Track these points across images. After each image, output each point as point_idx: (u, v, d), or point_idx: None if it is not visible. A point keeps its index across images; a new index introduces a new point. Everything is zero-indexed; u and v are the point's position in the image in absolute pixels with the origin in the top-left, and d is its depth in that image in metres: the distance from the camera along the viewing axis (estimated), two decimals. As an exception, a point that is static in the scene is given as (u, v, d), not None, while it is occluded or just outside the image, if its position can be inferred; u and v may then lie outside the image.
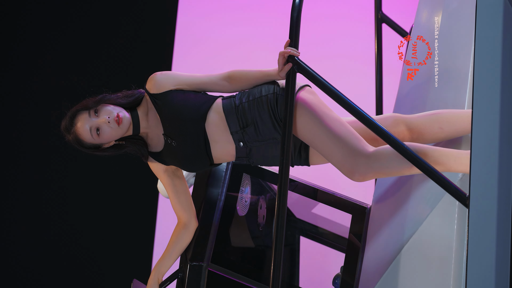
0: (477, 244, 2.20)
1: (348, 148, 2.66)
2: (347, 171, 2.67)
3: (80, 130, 2.80)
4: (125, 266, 5.01)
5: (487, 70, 2.23)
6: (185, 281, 2.98)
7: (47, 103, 4.95)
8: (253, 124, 2.79)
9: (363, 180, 2.67)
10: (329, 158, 2.71)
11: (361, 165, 2.64)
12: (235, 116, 2.80)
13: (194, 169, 2.91)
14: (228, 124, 2.81)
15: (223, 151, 2.84)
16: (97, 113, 2.79)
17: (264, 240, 3.36)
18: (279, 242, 2.49)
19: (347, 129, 2.69)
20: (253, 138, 2.81)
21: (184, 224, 2.96)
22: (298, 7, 2.56)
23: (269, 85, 2.81)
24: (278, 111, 2.76)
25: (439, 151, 2.59)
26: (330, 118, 2.71)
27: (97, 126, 2.78)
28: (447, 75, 2.93)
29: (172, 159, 2.88)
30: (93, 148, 2.84)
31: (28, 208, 4.93)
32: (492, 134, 2.21)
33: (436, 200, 2.59)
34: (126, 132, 2.85)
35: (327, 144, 2.69)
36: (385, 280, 2.70)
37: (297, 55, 2.61)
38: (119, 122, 2.78)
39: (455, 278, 2.41)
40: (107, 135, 2.79)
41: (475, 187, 2.22)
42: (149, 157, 2.92)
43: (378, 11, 4.09)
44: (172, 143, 2.83)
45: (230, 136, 2.82)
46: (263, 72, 2.79)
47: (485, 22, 2.24)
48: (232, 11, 5.41)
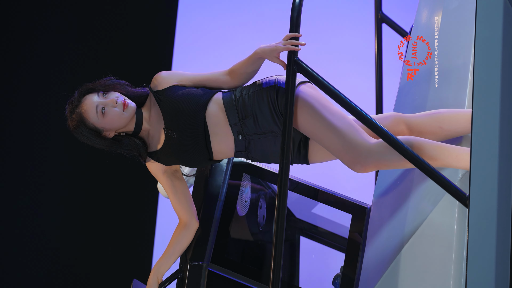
0: (477, 244, 2.20)
1: (349, 139, 2.67)
2: (349, 161, 2.68)
3: (86, 107, 2.83)
4: (125, 266, 5.01)
5: (487, 70, 2.23)
6: (185, 281, 2.98)
7: (47, 104, 4.95)
8: (252, 116, 2.80)
9: (364, 171, 2.68)
10: (331, 149, 2.71)
11: (362, 156, 2.65)
12: (234, 108, 2.82)
13: (193, 163, 2.91)
14: (228, 117, 2.82)
15: (222, 144, 2.85)
16: (105, 95, 2.84)
17: (264, 240, 3.36)
18: (279, 242, 2.49)
19: (348, 121, 2.71)
20: (252, 131, 2.82)
21: (185, 224, 2.96)
22: (298, 7, 2.56)
23: (270, 78, 2.83)
24: (278, 104, 2.78)
25: (437, 147, 2.60)
26: (331, 110, 2.73)
27: (104, 105, 2.82)
28: (447, 75, 2.93)
29: (171, 154, 2.89)
30: (94, 131, 2.85)
31: (28, 208, 4.92)
32: (492, 134, 2.21)
33: (436, 200, 2.59)
34: (128, 124, 2.86)
35: (328, 136, 2.70)
36: (385, 280, 2.70)
37: (298, 49, 2.63)
38: (125, 107, 2.82)
39: (455, 278, 2.41)
40: (111, 116, 2.82)
41: (475, 187, 2.22)
42: (147, 158, 2.93)
43: (378, 11, 4.09)
44: (172, 135, 2.85)
45: (229, 128, 2.84)
46: (256, 52, 2.79)
47: (485, 22, 2.24)
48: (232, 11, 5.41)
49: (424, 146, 2.60)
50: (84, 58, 5.06)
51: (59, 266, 4.94)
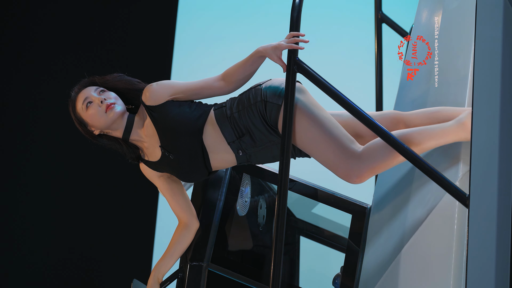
0: (477, 244, 2.20)
1: (338, 153, 2.66)
2: (344, 175, 2.68)
3: (78, 96, 2.85)
4: (125, 266, 5.01)
5: (487, 70, 2.23)
6: (185, 281, 2.98)
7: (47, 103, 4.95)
8: (248, 132, 2.79)
9: (361, 181, 2.67)
10: (324, 165, 2.72)
11: (355, 167, 2.65)
12: (229, 126, 2.79)
13: (192, 181, 2.91)
14: (224, 135, 2.80)
15: (222, 161, 2.85)
16: (101, 93, 2.84)
17: (264, 240, 3.36)
18: (279, 242, 2.49)
19: (336, 131, 2.69)
20: (250, 146, 2.81)
21: (186, 225, 2.96)
22: (298, 7, 2.56)
23: (255, 89, 2.79)
24: (268, 117, 2.75)
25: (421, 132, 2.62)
26: (320, 121, 2.70)
27: (91, 100, 2.82)
28: (447, 75, 2.93)
29: (169, 170, 2.89)
30: (79, 122, 2.86)
31: (28, 208, 4.92)
32: (492, 134, 2.21)
33: (436, 200, 2.59)
34: (112, 127, 2.84)
35: (318, 153, 2.70)
36: (385, 280, 2.70)
37: (302, 48, 2.61)
38: (108, 109, 2.80)
39: (455, 278, 2.41)
40: (92, 113, 2.81)
41: (475, 187, 2.22)
42: (142, 164, 2.92)
43: (378, 11, 4.09)
44: (169, 156, 2.83)
45: (228, 146, 2.82)
46: (258, 50, 2.74)
47: (485, 22, 2.24)
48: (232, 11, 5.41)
49: (409, 136, 2.61)
50: (84, 58, 5.05)
51: (59, 266, 4.93)
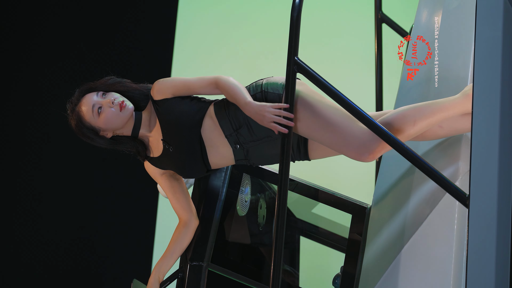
0: (477, 244, 2.20)
1: (347, 133, 2.66)
2: (355, 154, 2.67)
3: (83, 107, 2.84)
4: (125, 266, 5.01)
5: (487, 70, 2.23)
6: (185, 281, 2.99)
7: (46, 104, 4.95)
8: (246, 124, 2.80)
9: (374, 157, 2.65)
10: (333, 148, 2.71)
11: (367, 143, 2.64)
12: (227, 119, 2.81)
13: (190, 175, 2.92)
14: (222, 128, 2.82)
15: (220, 156, 2.87)
16: (104, 96, 2.84)
17: (264, 240, 3.36)
18: (279, 242, 2.49)
19: (342, 114, 2.69)
20: (248, 139, 2.82)
21: (185, 223, 2.98)
22: (298, 7, 2.56)
23: (256, 83, 2.82)
24: None
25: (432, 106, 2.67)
26: (324, 107, 2.71)
27: (101, 104, 2.82)
28: (447, 75, 2.93)
29: (169, 164, 2.91)
30: (92, 130, 2.85)
31: (28, 208, 4.92)
32: (492, 134, 2.21)
33: (436, 200, 2.59)
34: (126, 125, 2.86)
35: (326, 136, 2.69)
36: (385, 280, 2.70)
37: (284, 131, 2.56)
38: (122, 107, 2.81)
39: (455, 278, 2.41)
40: (106, 116, 2.81)
41: (475, 187, 2.22)
42: (146, 162, 2.95)
43: (378, 11, 4.09)
44: (169, 149, 2.86)
45: (225, 139, 2.84)
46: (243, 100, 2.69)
47: (485, 22, 2.24)
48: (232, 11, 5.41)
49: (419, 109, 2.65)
50: (84, 58, 5.05)
51: (59, 266, 4.93)
